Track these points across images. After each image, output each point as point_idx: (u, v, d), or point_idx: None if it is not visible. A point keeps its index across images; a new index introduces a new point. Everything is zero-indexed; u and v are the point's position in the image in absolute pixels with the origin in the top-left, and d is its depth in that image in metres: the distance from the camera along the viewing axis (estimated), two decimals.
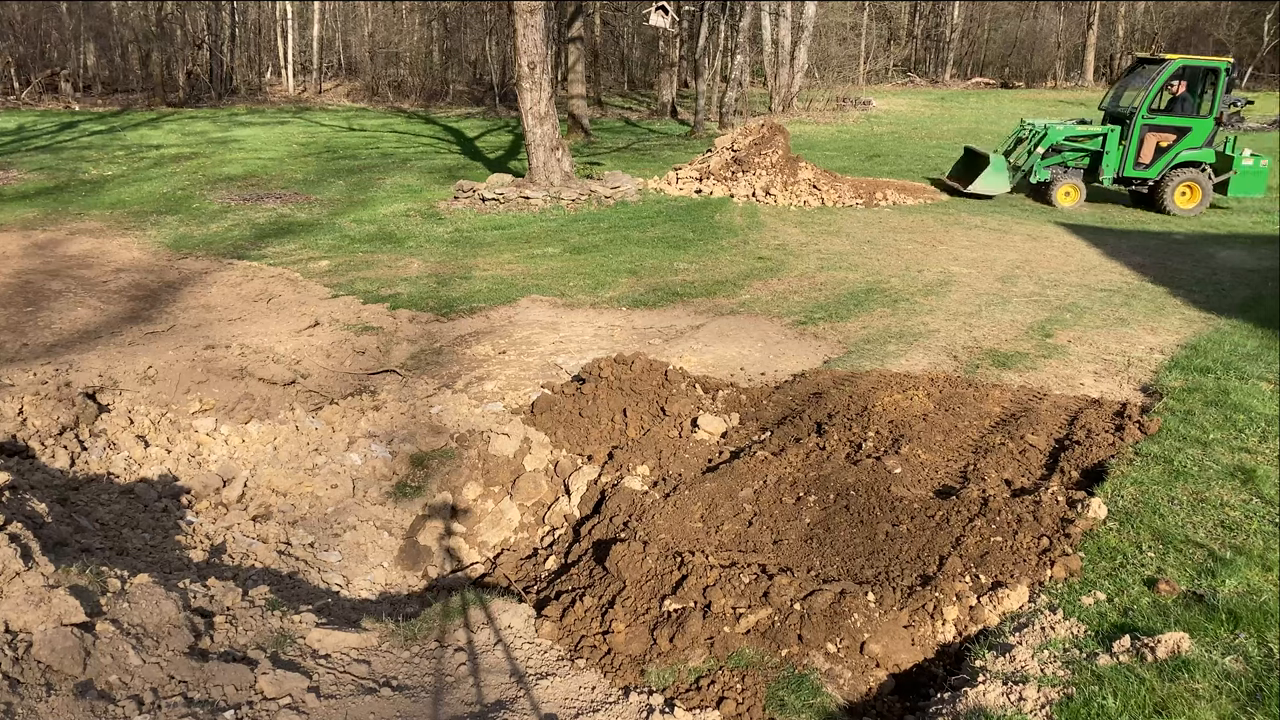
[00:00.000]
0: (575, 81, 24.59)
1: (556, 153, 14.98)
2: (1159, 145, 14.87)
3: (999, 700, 3.62)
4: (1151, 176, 14.95)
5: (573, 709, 3.91)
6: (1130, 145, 14.90)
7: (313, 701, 3.71)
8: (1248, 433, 5.96)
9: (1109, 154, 15.08)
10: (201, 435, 6.63)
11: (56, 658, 3.47)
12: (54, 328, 8.41)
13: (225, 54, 33.48)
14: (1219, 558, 4.52)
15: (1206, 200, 14.88)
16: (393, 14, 37.61)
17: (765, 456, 6.04)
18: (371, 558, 5.83)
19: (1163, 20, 46.81)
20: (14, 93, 29.21)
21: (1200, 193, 14.84)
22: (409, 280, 10.34)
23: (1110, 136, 15.00)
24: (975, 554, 4.69)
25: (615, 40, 38.96)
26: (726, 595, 4.47)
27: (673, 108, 31.13)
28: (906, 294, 9.84)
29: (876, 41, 45.09)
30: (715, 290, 10.01)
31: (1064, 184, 15.15)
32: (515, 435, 6.64)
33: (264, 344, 8.08)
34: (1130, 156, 14.98)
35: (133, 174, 16.88)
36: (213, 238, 12.18)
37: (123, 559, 4.84)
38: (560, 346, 8.32)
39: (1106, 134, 15.04)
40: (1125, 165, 15.03)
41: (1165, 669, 3.65)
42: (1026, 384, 7.25)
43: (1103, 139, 15.06)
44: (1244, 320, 8.76)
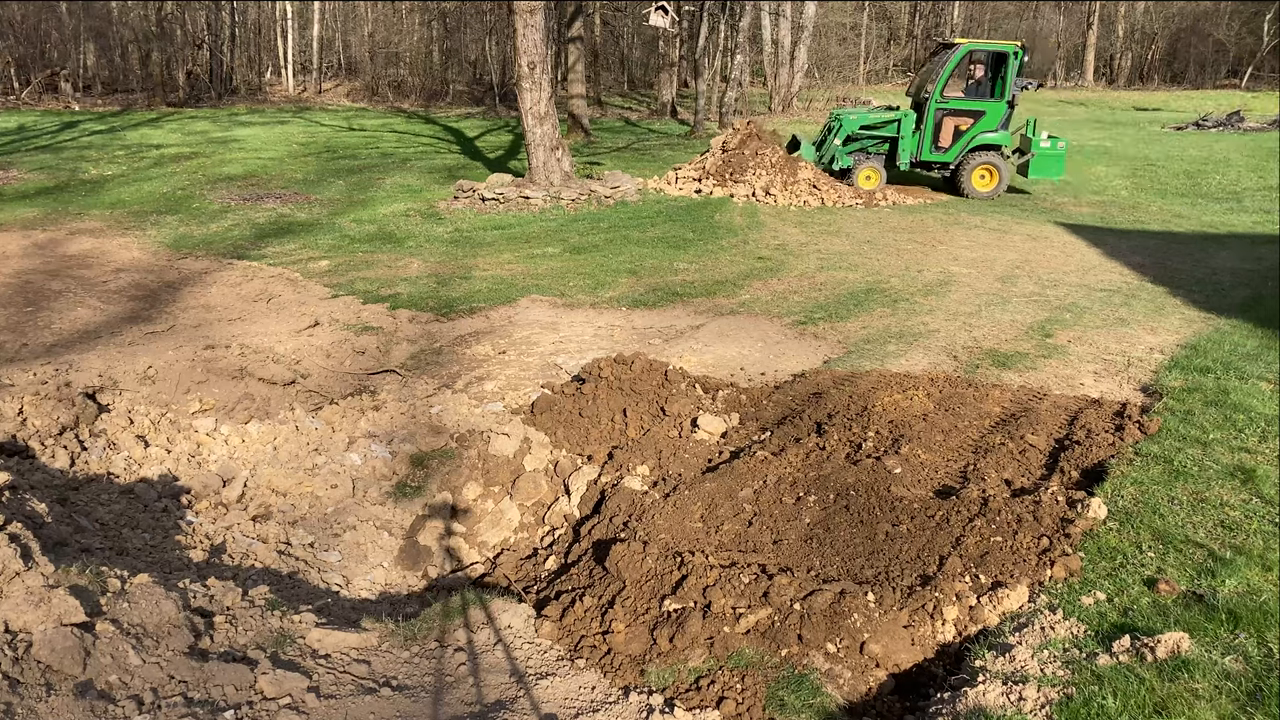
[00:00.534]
0: (575, 81, 24.59)
1: (556, 153, 14.98)
2: (957, 129, 15.09)
3: (999, 700, 3.62)
4: (949, 160, 15.22)
5: (573, 709, 3.91)
6: (926, 129, 15.08)
7: (313, 701, 3.71)
8: (1248, 433, 5.96)
9: (903, 139, 15.40)
10: (201, 435, 6.63)
11: (56, 658, 3.47)
12: (54, 328, 8.41)
13: (225, 54, 33.48)
14: (1219, 558, 4.52)
15: (1004, 183, 15.20)
16: (393, 14, 37.61)
17: (765, 456, 6.04)
18: (371, 558, 5.83)
19: (1162, 20, 46.82)
20: (14, 93, 29.21)
21: (998, 175, 15.09)
22: (409, 280, 10.34)
23: (904, 122, 15.31)
24: (975, 554, 4.69)
25: (615, 40, 38.95)
26: (726, 595, 4.47)
27: (673, 108, 31.14)
28: (906, 294, 9.84)
29: (876, 41, 45.10)
30: (715, 290, 10.01)
31: (864, 168, 15.45)
32: (515, 435, 6.64)
33: (264, 344, 8.08)
34: (927, 141, 15.18)
35: (133, 174, 16.88)
36: (213, 238, 12.18)
37: (123, 559, 4.84)
38: (560, 346, 8.31)
39: (901, 119, 15.32)
40: (922, 149, 15.26)
41: (1165, 669, 3.65)
42: (1026, 384, 7.25)
43: (898, 124, 15.28)
44: (1244, 320, 8.76)
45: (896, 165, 15.68)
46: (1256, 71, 42.49)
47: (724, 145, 16.31)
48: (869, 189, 15.35)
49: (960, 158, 15.20)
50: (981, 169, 15.09)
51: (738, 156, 15.91)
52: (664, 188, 15.94)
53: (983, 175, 15.15)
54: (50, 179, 16.00)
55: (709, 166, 16.03)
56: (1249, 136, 24.96)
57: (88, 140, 21.16)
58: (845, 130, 15.58)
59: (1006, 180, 15.24)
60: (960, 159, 15.21)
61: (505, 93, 31.46)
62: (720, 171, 15.81)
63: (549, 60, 16.28)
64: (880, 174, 15.59)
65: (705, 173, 15.95)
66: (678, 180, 16.08)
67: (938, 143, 15.30)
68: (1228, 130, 26.39)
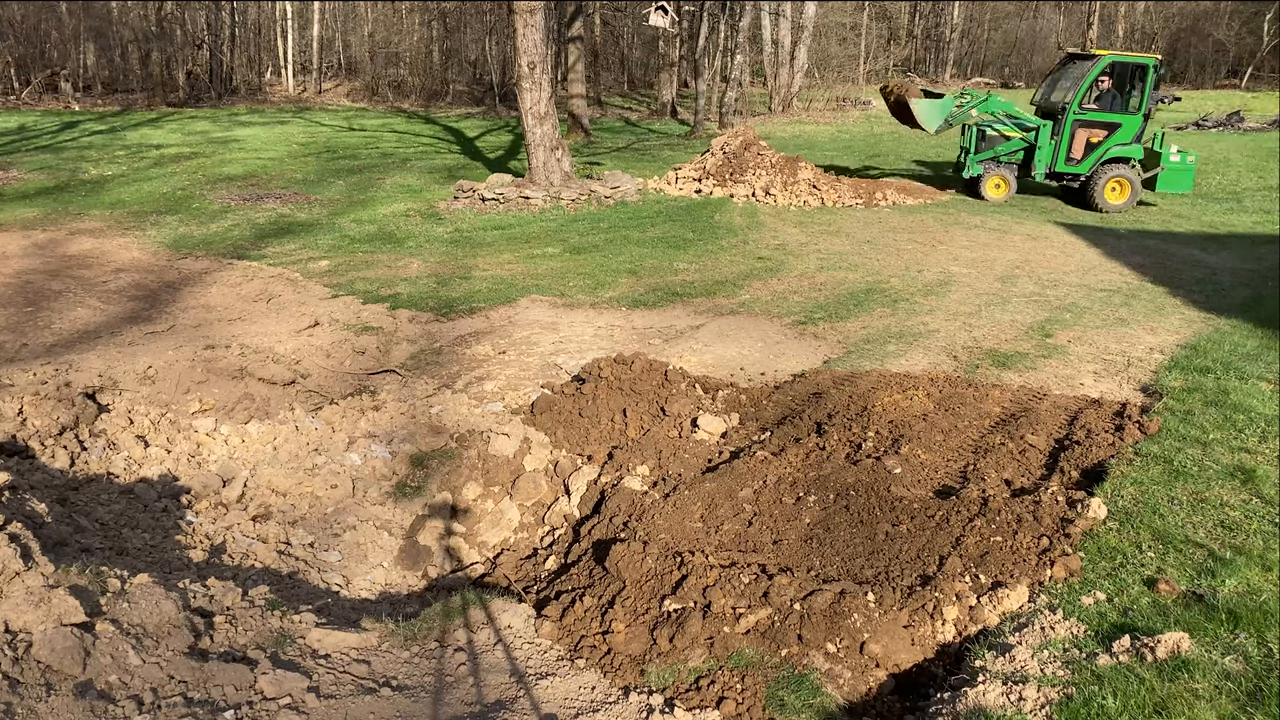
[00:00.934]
0: (575, 81, 24.60)
1: (556, 153, 14.98)
2: (1089, 141, 14.95)
3: (999, 700, 3.62)
4: (1082, 172, 15.05)
5: (573, 709, 3.91)
6: (1062, 140, 14.97)
7: (313, 701, 3.71)
8: (1247, 433, 5.96)
9: (1041, 149, 15.19)
10: (201, 435, 6.63)
11: (56, 658, 3.47)
12: (54, 328, 8.41)
13: (225, 54, 33.49)
14: (1219, 558, 4.52)
15: (1135, 196, 14.98)
16: (393, 14, 37.62)
17: (765, 456, 6.04)
18: (371, 558, 5.83)
19: (1162, 20, 46.82)
20: (14, 93, 29.21)
21: (1129, 188, 14.92)
22: (409, 280, 10.34)
23: (1043, 131, 15.10)
24: (975, 554, 4.69)
25: (615, 40, 38.96)
26: (726, 595, 4.47)
27: (673, 108, 31.15)
28: (906, 294, 9.84)
29: (876, 41, 45.09)
30: (715, 290, 10.01)
31: (994, 176, 15.25)
32: (515, 435, 6.64)
33: (264, 344, 8.08)
34: (1062, 152, 15.05)
35: (133, 174, 16.88)
36: (213, 238, 12.18)
37: (123, 559, 4.84)
38: (560, 346, 8.31)
39: (1039, 128, 15.12)
40: (1057, 160, 15.11)
41: (1165, 669, 3.65)
42: (1026, 384, 7.25)
43: (1035, 133, 15.13)
44: (1244, 320, 8.76)
45: (1030, 175, 15.39)
46: (1256, 71, 42.51)
47: (724, 147, 16.30)
48: (997, 198, 15.15)
49: (1094, 170, 14.95)
50: (1113, 182, 14.82)
51: (738, 157, 15.91)
52: (664, 188, 15.94)
53: (1114, 188, 14.87)
54: (51, 179, 16.00)
55: (709, 166, 16.03)
56: (1249, 137, 24.97)
57: (88, 140, 21.16)
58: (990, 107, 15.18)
59: (1138, 194, 14.95)
60: (1094, 171, 14.96)
61: (505, 93, 31.47)
62: (720, 171, 15.81)
63: (549, 60, 16.28)
64: (1010, 184, 15.36)
65: (705, 173, 15.96)
66: (678, 180, 16.08)
67: (1070, 154, 15.09)
68: (1227, 130, 26.40)
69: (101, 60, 32.27)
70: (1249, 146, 22.48)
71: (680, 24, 28.32)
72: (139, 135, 22.42)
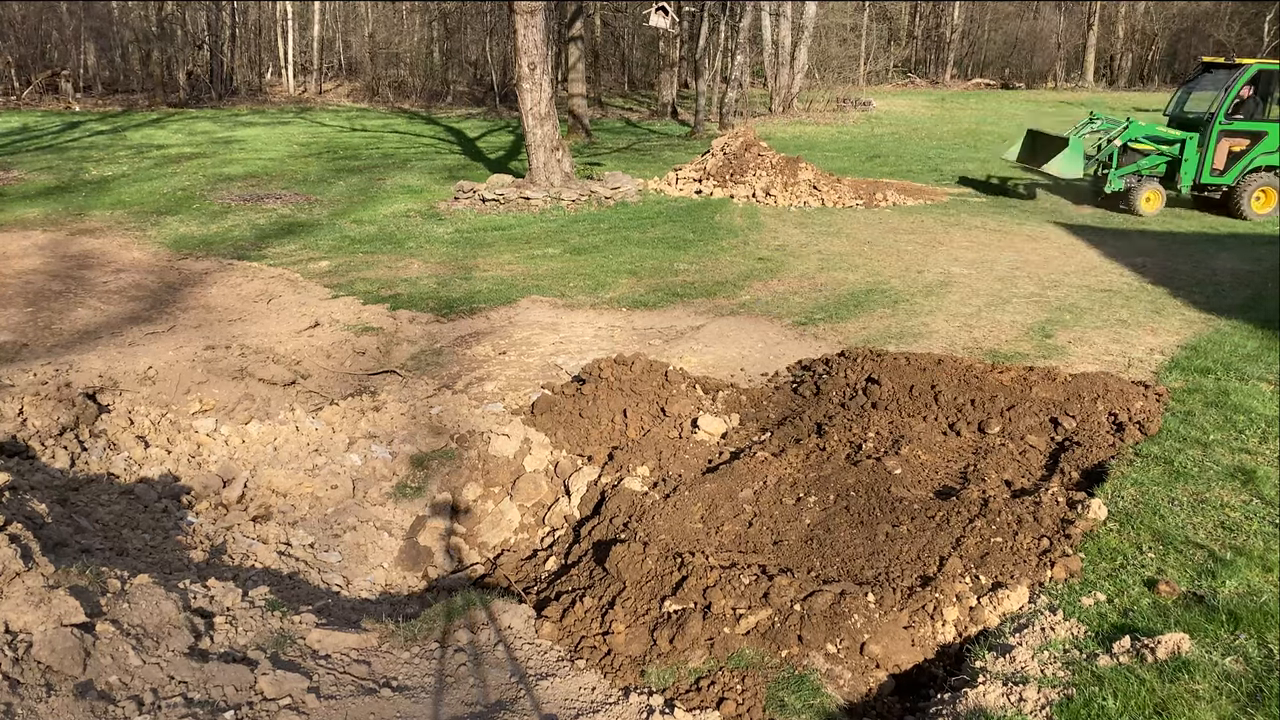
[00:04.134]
0: (576, 81, 24.61)
1: (557, 153, 14.99)
2: (1231, 151, 14.75)
3: (999, 701, 3.62)
4: (1228, 183, 14.83)
5: (573, 709, 3.91)
6: (1207, 151, 14.78)
7: (313, 702, 3.71)
8: (1248, 434, 5.96)
9: (1188, 161, 14.87)
10: (201, 436, 6.63)
11: (56, 658, 3.47)
12: (54, 328, 8.41)
13: (225, 54, 33.50)
14: (1219, 558, 4.52)
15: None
16: (393, 14, 37.64)
17: (765, 457, 6.04)
18: (371, 558, 5.83)
19: (1163, 21, 46.83)
20: (14, 93, 29.23)
21: (1275, 196, 14.77)
22: (409, 281, 10.35)
23: (1189, 143, 14.79)
24: (975, 555, 4.69)
25: (615, 40, 38.98)
26: (726, 596, 4.47)
27: (673, 108, 31.16)
28: (906, 295, 9.84)
29: (877, 42, 45.10)
30: (715, 291, 10.02)
31: (1147, 190, 14.85)
32: (515, 436, 6.64)
33: (264, 344, 8.09)
34: (1207, 163, 14.88)
35: (135, 174, 16.89)
36: (214, 238, 12.18)
37: (123, 559, 4.84)
38: (560, 347, 8.32)
39: (1185, 140, 14.82)
40: (1203, 172, 14.92)
41: (1165, 670, 3.65)
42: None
43: (1181, 145, 14.84)
44: (1244, 321, 8.76)
45: (1174, 189, 15.12)
46: None
47: (724, 148, 16.30)
48: (1150, 211, 14.87)
49: (1239, 180, 14.79)
50: (1259, 191, 14.71)
51: (738, 157, 15.91)
52: (664, 188, 15.95)
53: (1259, 197, 14.76)
54: (53, 179, 16.01)
55: (710, 167, 16.04)
56: None
57: (90, 141, 21.18)
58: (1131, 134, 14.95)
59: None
60: (1238, 181, 14.80)
61: (506, 93, 31.49)
62: (721, 172, 15.81)
63: (549, 61, 16.29)
64: (1162, 196, 15.08)
65: (706, 173, 15.96)
66: (678, 181, 16.08)
67: (1214, 165, 14.88)
68: None
69: (102, 60, 32.29)
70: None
71: (681, 24, 28.34)
72: (142, 135, 22.43)
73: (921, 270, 10.90)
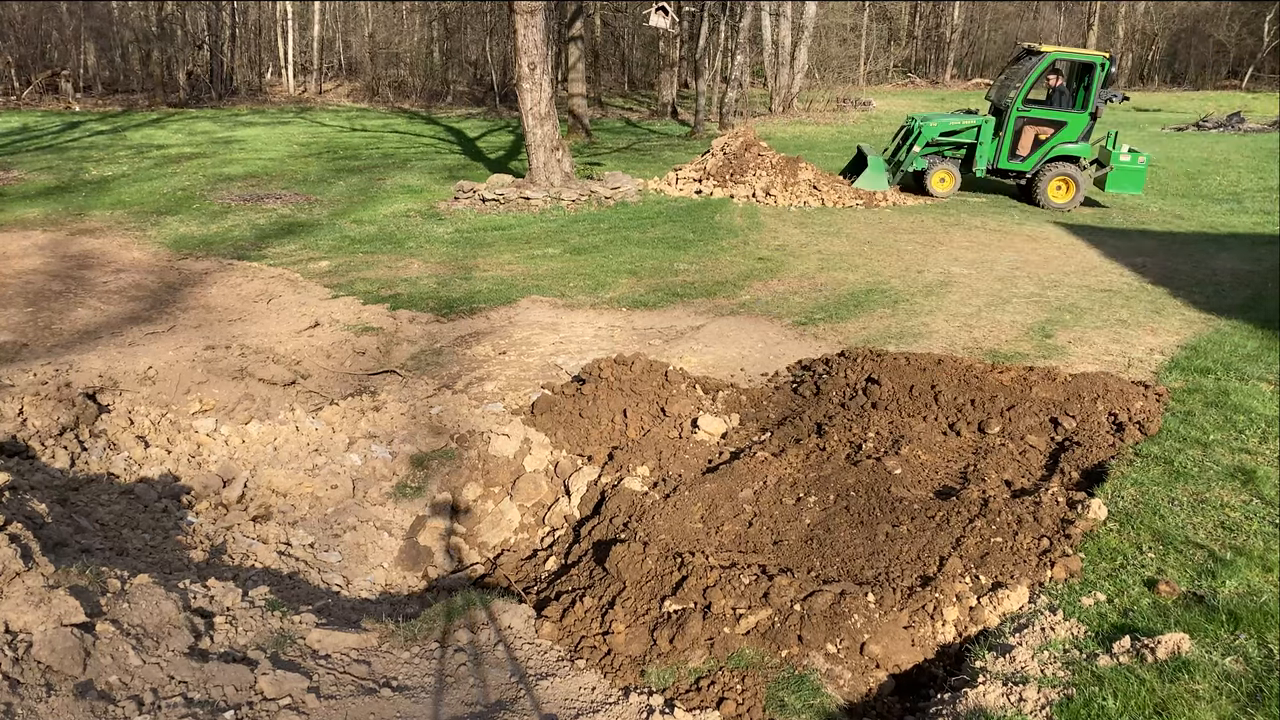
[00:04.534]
0: (576, 81, 24.61)
1: (557, 153, 14.99)
2: (1037, 138, 14.91)
3: (999, 701, 3.62)
4: (1027, 169, 15.02)
5: (573, 709, 3.91)
6: (1005, 137, 14.94)
7: (313, 702, 3.71)
8: (1248, 434, 5.96)
9: (982, 145, 15.16)
10: (202, 436, 6.64)
11: (56, 658, 3.47)
12: (54, 328, 8.41)
13: (225, 54, 33.50)
14: (1219, 558, 4.52)
15: (1080, 195, 14.93)
16: (393, 14, 37.64)
17: (765, 457, 6.04)
18: (371, 558, 5.83)
19: (1163, 21, 46.83)
20: (14, 93, 29.23)
21: (1075, 187, 14.87)
22: (409, 281, 10.35)
23: (985, 128, 15.06)
24: (975, 555, 4.69)
25: (615, 40, 38.98)
26: (726, 596, 4.47)
27: (673, 108, 31.16)
28: (906, 295, 9.84)
29: (877, 42, 45.11)
30: (715, 291, 10.02)
31: (939, 170, 15.24)
32: (515, 436, 6.64)
33: (264, 344, 8.09)
34: (1005, 148, 15.02)
35: (135, 174, 16.89)
36: (213, 238, 12.18)
37: (123, 559, 4.84)
38: (560, 347, 8.32)
39: (981, 125, 15.09)
40: (1000, 157, 15.08)
41: (1165, 670, 3.65)
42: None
43: (977, 130, 15.10)
44: (1244, 321, 8.76)
45: (972, 171, 15.42)
46: (1257, 72, 42.51)
47: (724, 148, 16.30)
48: (942, 191, 15.14)
49: (1038, 167, 14.94)
50: (1059, 180, 14.80)
51: (738, 157, 15.91)
52: (664, 188, 15.94)
53: (1059, 186, 14.89)
54: (53, 179, 16.01)
55: (710, 167, 16.03)
56: (1249, 138, 24.97)
57: (90, 141, 21.17)
58: (925, 138, 15.27)
59: (1083, 192, 14.94)
60: (1038, 169, 14.94)
61: (506, 93, 31.49)
62: (721, 172, 15.80)
63: (549, 60, 16.28)
64: (955, 177, 15.36)
65: (706, 173, 15.95)
66: (678, 181, 16.08)
67: (1016, 151, 15.05)
68: (1228, 131, 26.40)
69: (102, 60, 32.29)
70: (1249, 147, 22.48)
71: (681, 24, 28.34)
72: (142, 135, 22.43)
73: (921, 270, 10.90)
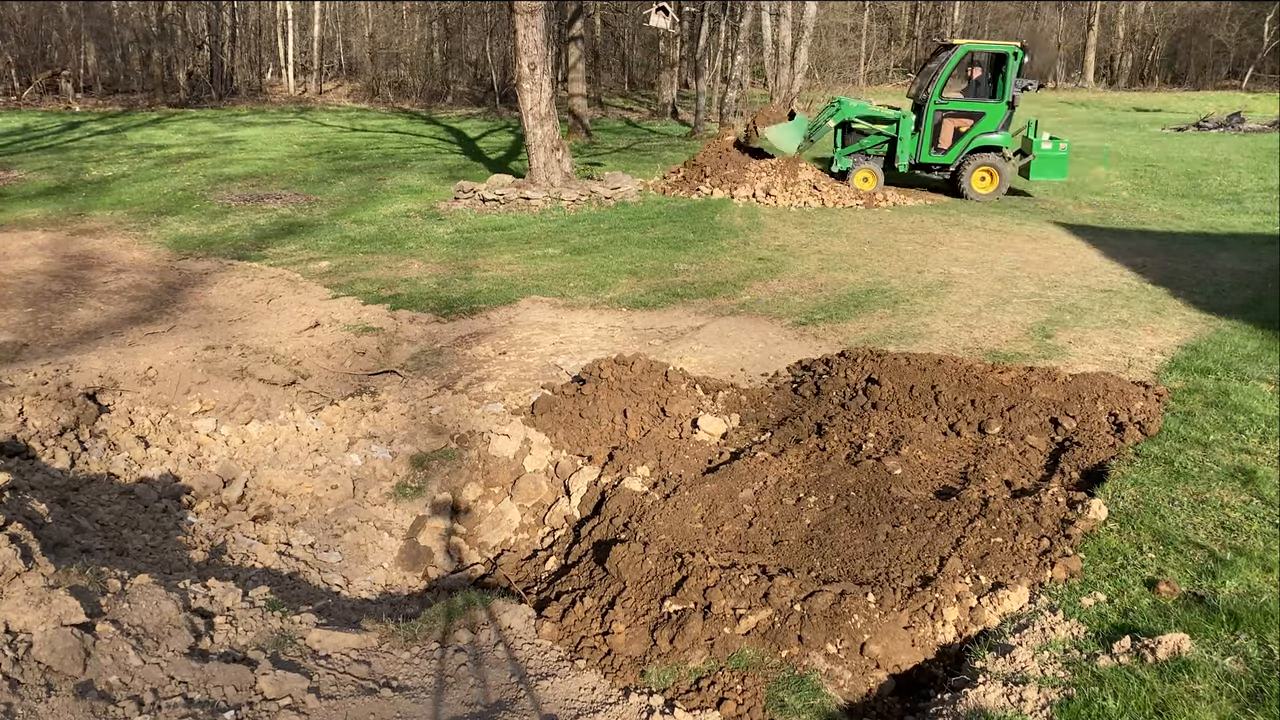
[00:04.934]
0: (576, 81, 24.62)
1: (557, 153, 14.99)
2: (957, 130, 15.01)
3: (999, 701, 3.62)
4: (949, 161, 15.13)
5: (573, 710, 3.91)
6: (925, 131, 14.98)
7: (313, 702, 3.71)
8: (1248, 434, 5.96)
9: (902, 140, 15.25)
10: (202, 436, 6.64)
11: (56, 658, 3.47)
12: (54, 328, 8.41)
13: (225, 54, 33.51)
14: (1219, 559, 4.52)
15: (1005, 184, 15.11)
16: (393, 14, 37.64)
17: (765, 457, 6.04)
18: (372, 558, 5.83)
19: (1163, 21, 46.84)
20: (15, 93, 29.23)
21: (998, 177, 15.02)
22: (409, 281, 10.35)
23: (903, 123, 15.13)
24: (975, 555, 4.69)
25: (615, 40, 38.98)
26: (727, 596, 4.47)
27: (673, 108, 31.17)
28: (906, 295, 9.84)
29: (877, 42, 45.12)
30: (715, 291, 10.02)
31: (861, 170, 15.28)
32: (515, 436, 6.64)
33: (264, 344, 8.09)
34: (926, 142, 15.07)
35: (136, 174, 16.89)
36: (214, 238, 12.18)
37: (123, 559, 4.84)
38: (560, 347, 8.32)
39: (900, 119, 15.13)
40: (921, 151, 15.14)
41: (1165, 670, 3.65)
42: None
43: (896, 125, 15.12)
44: (1244, 321, 8.76)
45: (895, 167, 15.58)
46: (1257, 72, 42.51)
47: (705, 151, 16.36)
48: (867, 190, 15.26)
49: (960, 159, 15.14)
50: (982, 171, 15.05)
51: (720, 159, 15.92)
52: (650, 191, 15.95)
53: (983, 177, 15.11)
54: (53, 179, 16.01)
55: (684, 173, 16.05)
56: (1249, 138, 24.96)
57: (90, 141, 21.18)
58: (844, 114, 15.39)
59: (1007, 182, 15.19)
60: (960, 161, 15.15)
61: (506, 93, 31.49)
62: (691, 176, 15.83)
63: (549, 60, 16.28)
64: (878, 176, 15.49)
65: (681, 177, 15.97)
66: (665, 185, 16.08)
67: (937, 144, 15.24)
68: (1228, 131, 26.41)
69: (102, 61, 32.30)
70: (1249, 147, 22.48)
71: (681, 24, 28.34)
72: (142, 136, 22.44)
73: (921, 270, 10.90)
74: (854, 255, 11.67)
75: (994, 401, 6.46)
